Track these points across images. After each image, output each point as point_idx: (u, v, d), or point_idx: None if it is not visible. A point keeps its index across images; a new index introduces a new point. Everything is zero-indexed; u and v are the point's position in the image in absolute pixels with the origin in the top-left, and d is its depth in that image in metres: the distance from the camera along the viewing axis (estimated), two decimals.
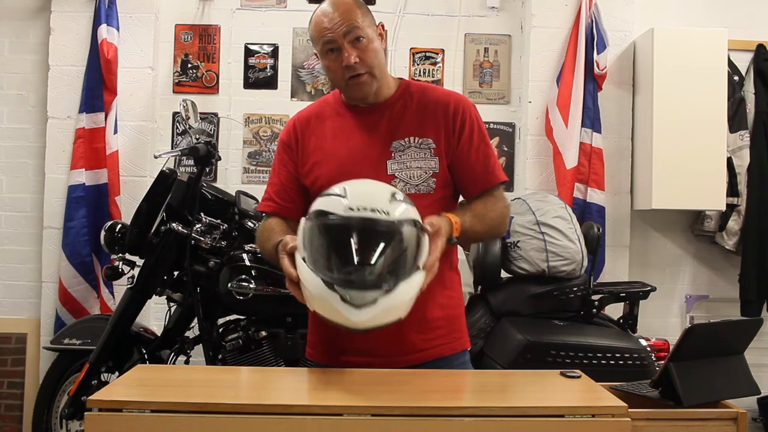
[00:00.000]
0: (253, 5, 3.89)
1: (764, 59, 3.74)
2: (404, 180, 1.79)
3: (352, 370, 1.64)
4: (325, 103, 1.93)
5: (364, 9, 1.81)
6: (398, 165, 1.80)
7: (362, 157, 1.81)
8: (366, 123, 1.84)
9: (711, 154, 3.52)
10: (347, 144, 1.83)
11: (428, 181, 1.80)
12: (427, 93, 1.88)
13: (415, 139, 1.81)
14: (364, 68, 1.78)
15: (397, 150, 1.81)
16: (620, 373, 2.39)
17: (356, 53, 1.76)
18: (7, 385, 3.67)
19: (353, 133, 1.84)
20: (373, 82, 1.81)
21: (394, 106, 1.85)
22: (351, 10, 1.77)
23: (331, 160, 1.83)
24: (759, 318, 3.16)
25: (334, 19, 1.76)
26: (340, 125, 1.86)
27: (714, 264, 3.86)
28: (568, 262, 2.83)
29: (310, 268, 1.47)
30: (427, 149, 1.81)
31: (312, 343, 1.88)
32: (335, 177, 1.75)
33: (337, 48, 1.76)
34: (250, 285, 2.72)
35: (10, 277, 3.71)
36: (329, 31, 1.76)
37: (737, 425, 1.49)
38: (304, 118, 1.92)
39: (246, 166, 3.87)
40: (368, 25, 1.79)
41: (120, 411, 1.34)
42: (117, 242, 2.87)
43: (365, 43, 1.77)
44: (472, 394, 1.43)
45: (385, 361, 1.72)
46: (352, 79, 1.79)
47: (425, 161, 1.80)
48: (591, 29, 3.60)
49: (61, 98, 3.63)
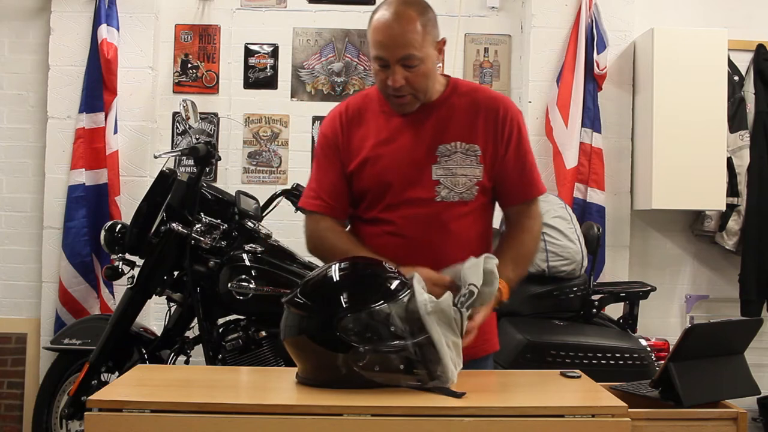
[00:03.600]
0: (253, 5, 3.89)
1: (764, 59, 3.74)
2: (448, 187, 1.78)
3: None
4: (368, 98, 1.87)
5: (428, 25, 1.72)
6: (443, 171, 1.78)
7: (407, 160, 1.78)
8: (411, 123, 1.80)
9: (711, 154, 3.52)
10: (392, 145, 1.80)
11: (472, 189, 1.79)
12: (477, 95, 1.83)
13: (462, 144, 1.78)
14: (410, 90, 1.74)
15: (443, 155, 1.78)
16: (620, 373, 2.38)
17: (405, 76, 1.70)
18: (7, 385, 3.67)
19: (398, 134, 1.80)
20: (416, 103, 1.78)
21: (441, 107, 1.81)
22: (412, 31, 1.68)
23: (376, 161, 1.80)
24: (759, 318, 3.17)
25: (393, 38, 1.68)
26: (385, 123, 1.82)
27: (714, 264, 3.86)
28: (568, 262, 2.83)
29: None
30: (474, 156, 1.78)
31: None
32: (380, 179, 1.78)
33: (388, 65, 1.71)
34: (250, 285, 2.72)
35: (10, 277, 3.71)
36: (384, 50, 1.70)
37: (737, 425, 1.49)
38: (348, 113, 1.86)
39: (246, 166, 3.87)
40: (427, 43, 1.71)
41: (120, 411, 1.34)
42: (117, 242, 2.86)
43: (417, 67, 1.71)
44: (472, 394, 1.43)
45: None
46: (396, 98, 1.76)
47: (471, 168, 1.78)
48: (591, 29, 3.60)
49: (61, 98, 3.63)
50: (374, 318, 1.46)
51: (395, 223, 1.80)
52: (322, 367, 1.48)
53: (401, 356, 1.46)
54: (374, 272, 1.58)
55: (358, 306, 1.47)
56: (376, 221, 1.83)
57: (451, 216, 1.79)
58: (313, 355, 1.49)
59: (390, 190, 1.79)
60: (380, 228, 1.82)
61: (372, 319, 1.46)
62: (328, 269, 1.58)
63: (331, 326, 1.45)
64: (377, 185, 1.81)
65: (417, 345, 1.47)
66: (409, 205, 1.79)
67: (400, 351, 1.46)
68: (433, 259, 1.77)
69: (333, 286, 1.55)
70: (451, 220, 1.79)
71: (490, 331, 1.88)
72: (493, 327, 1.91)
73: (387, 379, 1.45)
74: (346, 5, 3.90)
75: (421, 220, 1.78)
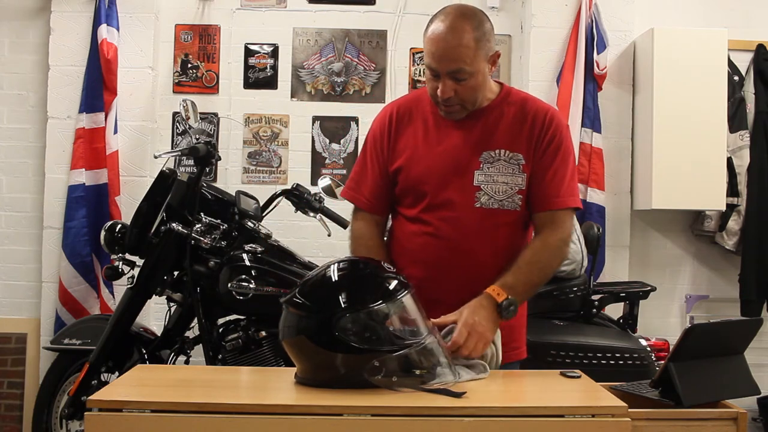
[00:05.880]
0: (253, 5, 3.89)
1: (764, 59, 3.73)
2: (489, 194, 1.78)
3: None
4: (419, 99, 1.89)
5: (482, 39, 1.72)
6: (485, 177, 1.78)
7: (451, 164, 1.80)
8: (459, 127, 1.82)
9: (711, 154, 3.52)
10: (437, 147, 1.82)
11: (513, 198, 1.79)
12: (527, 105, 1.84)
13: (506, 152, 1.79)
14: (458, 101, 1.76)
15: (486, 161, 1.79)
16: (620, 373, 2.38)
17: (454, 88, 1.72)
18: (7, 385, 3.66)
19: (445, 137, 1.82)
20: (463, 112, 1.79)
21: (491, 114, 1.82)
22: (465, 46, 1.69)
23: (420, 162, 1.82)
24: (759, 318, 3.16)
25: (445, 51, 1.70)
26: (434, 125, 1.84)
27: (714, 264, 3.85)
28: (568, 262, 2.83)
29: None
30: (516, 165, 1.79)
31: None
32: (422, 179, 1.80)
33: (439, 75, 1.73)
34: (250, 285, 2.72)
35: (10, 277, 3.71)
36: (435, 61, 1.72)
37: (737, 425, 1.49)
38: (398, 112, 1.88)
39: (246, 166, 3.87)
40: (479, 58, 1.72)
41: (120, 411, 1.34)
42: (117, 242, 2.86)
43: (467, 80, 1.72)
44: (472, 394, 1.43)
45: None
46: (444, 106, 1.78)
47: (512, 177, 1.78)
48: (591, 29, 3.60)
49: (61, 98, 3.63)
50: (373, 318, 1.46)
51: (434, 224, 1.81)
52: (320, 368, 1.48)
53: (400, 356, 1.46)
54: (373, 272, 1.59)
55: (356, 306, 1.47)
56: (417, 220, 1.84)
57: (490, 223, 1.79)
58: (311, 355, 1.49)
59: (431, 191, 1.81)
60: (419, 227, 1.84)
61: (371, 319, 1.46)
62: (326, 269, 1.59)
63: (329, 326, 1.45)
64: (419, 185, 1.82)
65: (417, 345, 1.47)
66: (448, 208, 1.80)
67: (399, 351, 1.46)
68: (469, 264, 1.78)
69: (331, 286, 1.55)
70: (489, 228, 1.79)
71: (518, 339, 1.89)
72: (522, 335, 1.92)
73: (387, 379, 1.45)
74: (346, 5, 3.89)
75: (459, 224, 1.79)
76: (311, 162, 3.86)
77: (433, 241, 1.81)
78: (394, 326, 1.48)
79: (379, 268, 1.59)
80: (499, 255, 1.80)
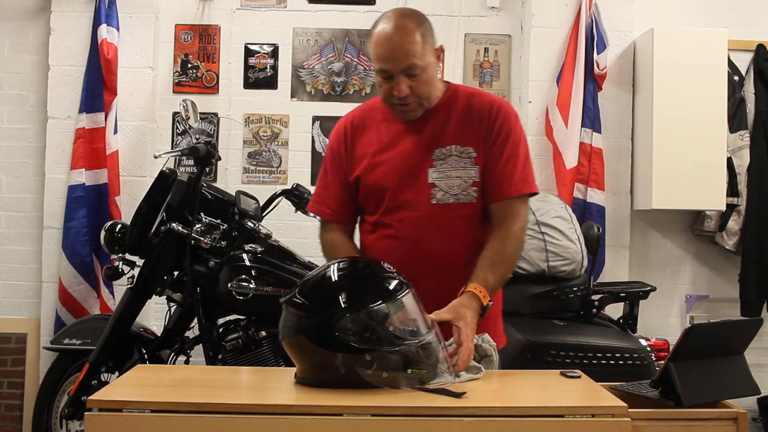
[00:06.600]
0: (253, 5, 3.89)
1: (764, 59, 3.73)
2: (443, 189, 1.82)
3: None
4: (371, 108, 1.95)
5: (426, 34, 1.78)
6: (438, 173, 1.82)
7: (405, 165, 1.84)
8: (411, 129, 1.86)
9: (711, 154, 3.52)
10: (392, 151, 1.86)
11: (468, 190, 1.82)
12: (473, 99, 1.87)
13: (457, 147, 1.83)
14: (414, 99, 1.79)
15: (439, 158, 1.82)
16: (620, 373, 2.38)
17: (409, 84, 1.76)
18: (7, 385, 3.66)
19: (398, 140, 1.86)
20: (420, 109, 1.83)
21: (440, 112, 1.86)
22: (412, 42, 1.74)
23: (377, 167, 1.86)
24: (759, 318, 3.16)
25: (394, 50, 1.74)
26: (386, 131, 1.88)
27: (714, 264, 3.85)
28: (568, 262, 2.83)
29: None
30: (468, 158, 1.82)
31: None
32: (379, 183, 1.84)
33: (392, 76, 1.76)
34: (250, 285, 2.72)
35: (10, 277, 3.71)
36: (387, 62, 1.76)
37: (737, 425, 1.49)
38: (353, 123, 1.94)
39: (246, 166, 3.87)
40: (427, 52, 1.77)
41: (120, 411, 1.34)
42: (117, 242, 2.86)
43: (420, 75, 1.76)
44: (472, 394, 1.43)
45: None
46: (400, 106, 1.81)
47: (465, 170, 1.81)
48: (591, 29, 3.60)
49: (61, 98, 3.63)
50: (373, 318, 1.46)
51: (393, 226, 1.85)
52: (320, 368, 1.48)
53: (400, 356, 1.46)
54: (373, 272, 1.59)
55: (356, 306, 1.47)
56: (379, 224, 1.89)
57: (448, 218, 1.83)
58: (311, 355, 1.49)
59: (388, 194, 1.85)
60: (381, 232, 1.88)
61: (370, 319, 1.46)
62: (326, 269, 1.59)
63: (329, 326, 1.45)
64: (377, 190, 1.87)
65: (416, 345, 1.47)
66: (406, 208, 1.84)
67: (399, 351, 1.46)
68: (431, 261, 1.81)
69: (331, 286, 1.55)
70: (447, 223, 1.83)
71: (499, 329, 1.92)
72: (499, 326, 1.94)
73: (387, 379, 1.45)
74: (346, 5, 3.89)
75: (417, 222, 1.83)
76: (311, 162, 3.86)
77: (394, 243, 1.84)
78: (394, 326, 1.48)
79: (379, 268, 1.59)
80: (459, 249, 1.83)
